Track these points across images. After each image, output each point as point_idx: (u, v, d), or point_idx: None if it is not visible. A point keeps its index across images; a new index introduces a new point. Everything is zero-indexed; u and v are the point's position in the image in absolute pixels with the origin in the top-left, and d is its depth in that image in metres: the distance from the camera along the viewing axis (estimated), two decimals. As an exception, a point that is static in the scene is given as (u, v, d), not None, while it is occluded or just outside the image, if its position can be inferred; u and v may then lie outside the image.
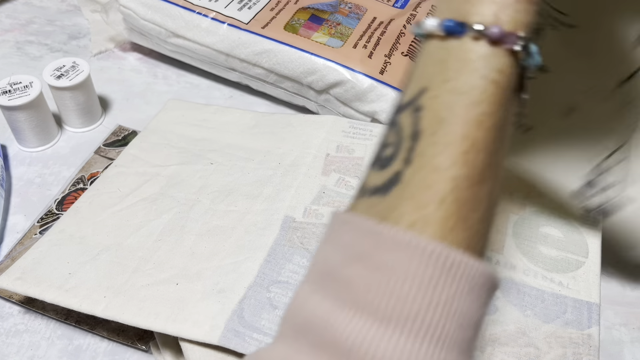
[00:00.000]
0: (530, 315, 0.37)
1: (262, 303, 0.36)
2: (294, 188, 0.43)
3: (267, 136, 0.47)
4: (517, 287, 0.38)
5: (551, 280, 0.39)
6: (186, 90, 0.58)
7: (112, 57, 0.61)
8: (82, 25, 0.64)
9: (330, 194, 0.43)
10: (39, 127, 0.50)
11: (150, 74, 0.59)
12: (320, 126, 0.48)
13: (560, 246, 0.41)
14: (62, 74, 0.49)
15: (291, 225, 0.40)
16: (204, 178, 0.44)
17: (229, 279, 0.37)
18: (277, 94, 0.56)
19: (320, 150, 0.46)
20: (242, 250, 0.39)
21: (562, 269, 0.39)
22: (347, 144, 0.46)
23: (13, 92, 0.47)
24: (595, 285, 0.39)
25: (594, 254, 0.40)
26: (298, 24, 0.53)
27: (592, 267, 0.39)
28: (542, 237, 0.41)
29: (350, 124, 0.48)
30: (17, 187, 0.48)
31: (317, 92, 0.52)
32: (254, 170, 0.45)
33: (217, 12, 0.53)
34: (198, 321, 0.35)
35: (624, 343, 0.42)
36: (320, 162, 0.45)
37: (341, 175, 0.44)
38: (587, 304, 0.38)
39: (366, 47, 0.51)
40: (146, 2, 0.55)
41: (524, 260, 0.40)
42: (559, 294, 0.38)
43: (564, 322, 0.37)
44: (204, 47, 0.54)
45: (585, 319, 0.37)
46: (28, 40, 0.62)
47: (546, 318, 0.37)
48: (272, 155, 0.46)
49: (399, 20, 0.54)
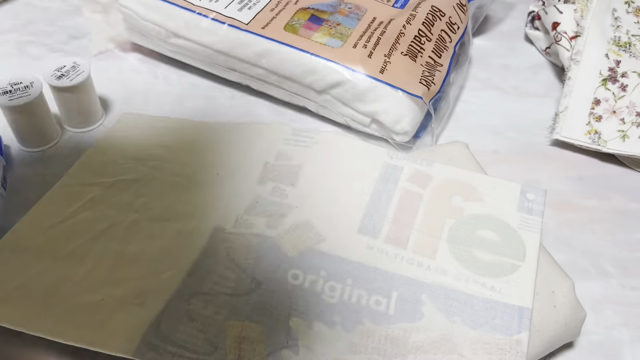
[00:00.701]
0: (457, 322, 0.36)
1: (180, 315, 0.36)
2: (226, 197, 0.43)
3: (208, 150, 0.47)
4: (446, 292, 0.38)
5: (483, 285, 0.38)
6: (187, 90, 0.58)
7: (112, 58, 0.61)
8: (82, 26, 0.64)
9: (264, 203, 0.42)
10: (40, 128, 0.50)
11: (151, 74, 0.59)
12: (263, 134, 0.47)
13: (496, 250, 0.40)
14: (63, 74, 0.49)
15: (220, 236, 0.40)
16: (143, 188, 0.44)
17: (150, 290, 0.37)
18: (277, 94, 0.56)
19: (260, 159, 0.45)
20: (167, 261, 0.39)
21: (496, 274, 0.38)
22: (287, 151, 0.46)
23: (14, 92, 0.47)
24: (529, 290, 0.38)
25: (530, 258, 0.39)
26: (298, 24, 0.53)
27: (528, 271, 0.38)
28: (478, 240, 0.40)
29: (293, 131, 0.47)
30: (17, 187, 0.48)
31: (318, 92, 0.52)
32: (188, 181, 0.44)
33: (217, 12, 0.53)
34: (115, 333, 0.35)
35: (624, 343, 0.42)
36: (258, 171, 0.45)
37: (277, 184, 0.43)
38: (518, 308, 0.37)
39: (366, 47, 0.51)
40: (146, 3, 0.55)
41: (457, 265, 0.39)
42: (489, 299, 0.37)
43: (491, 328, 0.36)
44: (204, 48, 0.54)
45: (515, 324, 0.36)
46: (28, 40, 0.62)
47: (474, 324, 0.36)
48: (211, 166, 0.46)
49: (399, 20, 0.54)
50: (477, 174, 0.44)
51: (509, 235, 0.41)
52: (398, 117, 0.50)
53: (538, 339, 0.37)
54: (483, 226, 0.41)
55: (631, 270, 0.46)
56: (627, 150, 0.53)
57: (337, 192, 0.43)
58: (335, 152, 0.46)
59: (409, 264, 0.39)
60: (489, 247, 0.40)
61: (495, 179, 0.44)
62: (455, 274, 0.38)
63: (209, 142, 0.48)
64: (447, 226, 0.41)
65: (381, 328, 0.36)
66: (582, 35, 0.57)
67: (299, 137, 0.47)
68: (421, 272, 0.39)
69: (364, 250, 0.40)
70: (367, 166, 0.45)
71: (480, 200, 0.43)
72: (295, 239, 0.40)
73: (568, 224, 0.49)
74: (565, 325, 0.38)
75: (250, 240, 0.40)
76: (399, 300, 0.37)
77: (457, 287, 0.38)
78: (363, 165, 0.45)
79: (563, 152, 0.55)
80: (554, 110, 0.59)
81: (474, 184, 0.44)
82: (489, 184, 0.44)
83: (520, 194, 0.43)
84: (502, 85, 0.62)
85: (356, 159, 0.45)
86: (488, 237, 0.40)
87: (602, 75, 0.55)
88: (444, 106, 0.55)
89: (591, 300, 0.44)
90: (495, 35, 0.68)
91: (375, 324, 0.36)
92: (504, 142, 0.56)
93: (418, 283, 0.38)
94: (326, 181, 0.44)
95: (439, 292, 0.38)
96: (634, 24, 0.58)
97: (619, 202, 0.51)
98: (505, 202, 0.42)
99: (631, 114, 0.54)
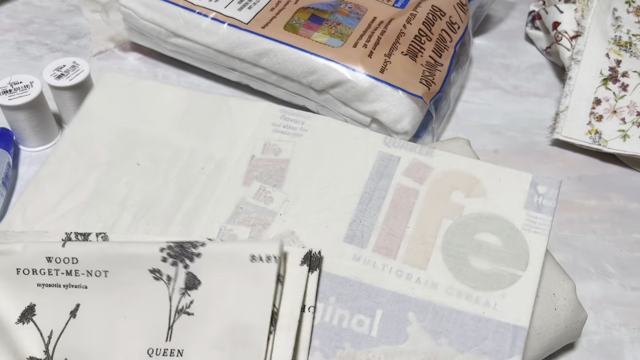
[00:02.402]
0: (443, 344, 0.34)
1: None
2: (211, 203, 0.41)
3: (196, 127, 0.44)
4: (435, 310, 0.35)
5: (476, 301, 0.35)
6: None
7: (112, 57, 0.61)
8: (82, 25, 0.64)
9: (248, 208, 0.40)
10: (39, 127, 0.50)
11: (151, 74, 0.59)
12: (251, 116, 0.44)
13: (496, 257, 0.37)
14: (63, 73, 0.49)
15: None
16: (130, 184, 0.42)
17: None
18: (277, 94, 0.56)
19: (246, 151, 0.43)
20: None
21: (492, 286, 0.36)
22: (275, 142, 0.43)
23: (13, 92, 0.47)
24: (527, 306, 0.35)
25: (533, 266, 0.36)
26: (298, 24, 0.53)
27: (529, 283, 0.36)
28: (476, 246, 0.37)
29: (282, 113, 0.44)
30: (17, 187, 0.48)
31: (318, 92, 0.52)
32: (177, 177, 0.42)
33: (217, 12, 0.53)
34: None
35: (624, 343, 0.42)
36: (244, 167, 0.42)
37: (262, 184, 0.41)
38: (513, 328, 0.34)
39: (366, 46, 0.51)
40: (146, 2, 0.54)
41: (449, 277, 0.36)
42: (481, 317, 0.35)
43: (480, 351, 0.34)
44: (204, 47, 0.54)
45: (507, 347, 0.34)
46: (28, 40, 0.62)
47: (462, 346, 0.34)
48: (198, 157, 0.43)
49: (399, 20, 0.54)
50: (482, 163, 0.40)
51: (512, 238, 0.37)
52: (398, 116, 0.50)
53: (538, 342, 0.37)
54: (483, 228, 0.38)
55: (631, 270, 0.46)
56: (627, 150, 0.53)
57: (324, 194, 0.41)
58: (326, 141, 0.43)
59: (397, 277, 0.36)
60: (487, 253, 0.37)
61: (503, 168, 0.40)
62: (447, 287, 0.36)
63: (197, 117, 0.45)
64: (443, 229, 0.38)
65: (361, 352, 0.34)
66: (582, 35, 0.56)
67: (288, 122, 0.44)
68: (410, 286, 0.36)
69: (350, 262, 0.37)
70: (360, 158, 0.42)
71: (483, 196, 0.39)
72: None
73: (568, 224, 0.49)
74: (566, 328, 0.38)
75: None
76: (384, 319, 0.35)
77: (448, 303, 0.35)
78: (355, 157, 0.42)
79: (563, 152, 0.55)
80: (554, 110, 0.59)
81: (477, 176, 0.40)
82: (495, 175, 0.40)
83: (530, 187, 0.39)
84: (502, 85, 0.62)
85: (349, 148, 0.42)
86: (488, 242, 0.37)
87: (603, 74, 0.55)
88: (445, 106, 0.55)
89: (591, 300, 0.44)
90: (496, 35, 0.68)
91: (356, 347, 0.34)
92: (504, 142, 0.56)
93: (405, 299, 0.36)
94: (314, 181, 0.41)
95: (428, 309, 0.35)
96: (635, 23, 0.58)
97: (619, 202, 0.51)
98: (512, 198, 0.39)
99: (632, 114, 0.54)
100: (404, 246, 0.38)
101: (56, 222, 0.40)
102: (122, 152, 0.44)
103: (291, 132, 0.44)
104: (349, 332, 0.35)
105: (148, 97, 0.46)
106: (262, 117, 0.44)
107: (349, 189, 0.41)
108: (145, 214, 0.41)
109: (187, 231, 0.40)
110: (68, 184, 0.42)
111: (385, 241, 0.38)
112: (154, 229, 0.40)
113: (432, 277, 0.36)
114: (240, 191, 0.41)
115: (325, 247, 0.38)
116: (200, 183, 0.42)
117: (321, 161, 0.42)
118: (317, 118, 0.44)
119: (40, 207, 0.41)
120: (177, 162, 0.43)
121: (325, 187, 0.41)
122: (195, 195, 0.42)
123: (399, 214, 0.39)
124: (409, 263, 0.37)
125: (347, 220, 0.39)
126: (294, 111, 0.44)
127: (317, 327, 0.35)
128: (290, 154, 0.43)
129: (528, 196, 0.39)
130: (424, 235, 0.38)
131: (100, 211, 0.41)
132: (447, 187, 0.40)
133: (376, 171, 0.41)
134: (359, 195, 0.40)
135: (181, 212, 0.41)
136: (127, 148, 0.44)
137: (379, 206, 0.39)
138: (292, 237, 0.39)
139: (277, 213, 0.40)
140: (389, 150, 0.42)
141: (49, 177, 0.42)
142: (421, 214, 0.39)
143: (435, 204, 0.39)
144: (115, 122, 0.45)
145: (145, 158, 0.43)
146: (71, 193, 0.42)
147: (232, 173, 0.42)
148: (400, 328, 0.35)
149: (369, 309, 0.36)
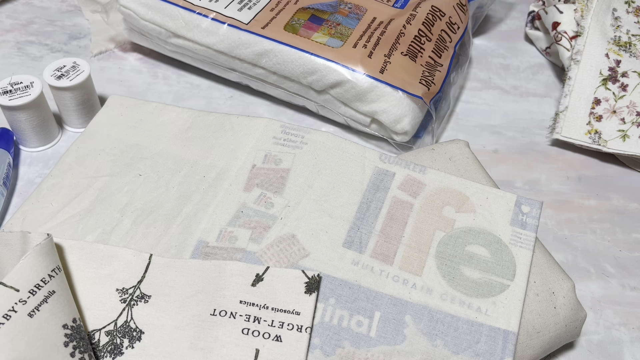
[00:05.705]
0: (439, 346, 0.36)
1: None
2: (212, 207, 0.41)
3: (199, 142, 0.46)
4: (430, 314, 0.37)
5: (469, 307, 0.37)
6: (186, 90, 0.58)
7: (112, 58, 0.61)
8: (82, 26, 0.64)
9: (249, 212, 0.41)
10: (40, 127, 0.50)
11: (151, 74, 0.59)
12: (252, 130, 0.46)
13: (485, 267, 0.39)
14: (63, 74, 0.49)
15: (203, 250, 0.39)
16: (130, 193, 0.43)
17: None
18: (277, 94, 0.56)
19: (247, 161, 0.44)
20: None
21: (483, 294, 0.38)
22: (276, 153, 0.45)
23: (14, 92, 0.47)
24: (516, 312, 0.37)
25: (520, 277, 0.38)
26: (298, 24, 0.53)
27: (517, 292, 0.38)
28: (467, 257, 0.39)
29: (283, 128, 0.46)
30: (17, 187, 0.48)
31: (318, 92, 0.52)
32: (179, 185, 0.43)
33: (217, 12, 0.53)
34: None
35: (624, 343, 0.42)
36: (245, 175, 0.43)
37: (263, 191, 0.42)
38: (503, 332, 0.36)
39: (366, 47, 0.51)
40: (146, 3, 0.55)
41: (443, 284, 0.38)
42: (474, 322, 0.37)
43: (474, 353, 0.35)
44: (204, 48, 0.54)
45: (499, 349, 0.36)
46: (28, 40, 0.62)
47: (456, 348, 0.35)
48: (199, 167, 0.44)
49: (399, 20, 0.54)
50: (471, 183, 0.43)
51: (500, 251, 0.40)
52: (398, 117, 0.50)
53: (538, 340, 0.37)
54: (473, 241, 0.40)
55: (631, 270, 0.46)
56: (627, 150, 0.53)
57: (324, 201, 0.42)
58: (325, 155, 0.45)
59: (394, 282, 0.38)
60: (478, 264, 0.39)
61: (490, 188, 0.43)
62: (441, 293, 0.38)
63: (199, 134, 0.47)
64: (437, 239, 0.40)
65: (361, 351, 0.35)
66: (582, 35, 0.57)
67: (288, 136, 0.46)
68: (406, 291, 0.38)
69: (349, 266, 0.39)
70: (357, 171, 0.44)
71: (472, 212, 0.41)
72: (278, 254, 0.39)
73: (568, 224, 0.49)
74: (565, 327, 0.38)
75: (233, 255, 0.39)
76: (382, 320, 0.36)
77: (442, 307, 0.37)
78: (353, 171, 0.44)
79: (563, 152, 0.55)
80: (554, 110, 0.59)
81: (467, 194, 0.42)
82: (483, 194, 0.42)
83: (515, 206, 0.42)
84: (502, 85, 0.62)
85: (346, 162, 0.44)
86: (478, 253, 0.39)
87: (603, 75, 0.55)
88: (444, 106, 0.55)
89: (591, 300, 0.44)
90: (495, 35, 0.68)
91: (355, 346, 0.35)
92: (503, 142, 0.56)
93: (402, 303, 0.37)
94: (314, 189, 0.43)
95: (423, 312, 0.37)
96: (634, 23, 0.58)
97: (618, 202, 0.51)
98: (499, 215, 0.41)
99: (631, 114, 0.54)
100: (400, 253, 0.40)
101: (55, 229, 0.41)
102: (125, 164, 0.45)
103: (291, 144, 0.45)
104: (349, 331, 0.36)
105: (152, 116, 0.48)
106: (263, 131, 0.46)
107: (347, 197, 0.42)
108: (145, 219, 0.41)
109: (186, 232, 0.40)
110: (69, 194, 0.43)
111: (382, 248, 0.40)
112: (153, 231, 0.40)
113: (427, 283, 0.38)
114: (241, 197, 0.42)
115: (325, 251, 0.39)
116: (201, 190, 0.43)
117: (321, 171, 0.44)
118: (316, 133, 0.46)
119: (40, 217, 0.41)
120: (179, 172, 0.44)
121: (325, 195, 0.42)
122: (196, 200, 0.42)
123: (394, 223, 0.41)
124: (405, 269, 0.39)
125: (345, 227, 0.41)
126: (294, 126, 0.47)
127: (317, 326, 0.36)
128: (291, 164, 0.44)
129: (513, 214, 0.42)
130: (419, 244, 0.40)
131: (100, 217, 0.41)
132: (439, 202, 0.42)
133: (373, 184, 0.43)
134: (357, 204, 0.42)
135: (181, 216, 0.41)
136: (130, 161, 0.45)
137: (376, 215, 0.41)
138: (292, 240, 0.40)
139: (278, 217, 0.41)
140: (385, 166, 0.44)
141: (51, 188, 0.43)
142: (415, 225, 0.41)
143: (428, 216, 0.41)
144: (120, 139, 0.47)
145: (147, 169, 0.45)
146: (72, 202, 0.42)
147: (233, 180, 0.43)
148: (397, 329, 0.36)
149: (368, 310, 0.37)
